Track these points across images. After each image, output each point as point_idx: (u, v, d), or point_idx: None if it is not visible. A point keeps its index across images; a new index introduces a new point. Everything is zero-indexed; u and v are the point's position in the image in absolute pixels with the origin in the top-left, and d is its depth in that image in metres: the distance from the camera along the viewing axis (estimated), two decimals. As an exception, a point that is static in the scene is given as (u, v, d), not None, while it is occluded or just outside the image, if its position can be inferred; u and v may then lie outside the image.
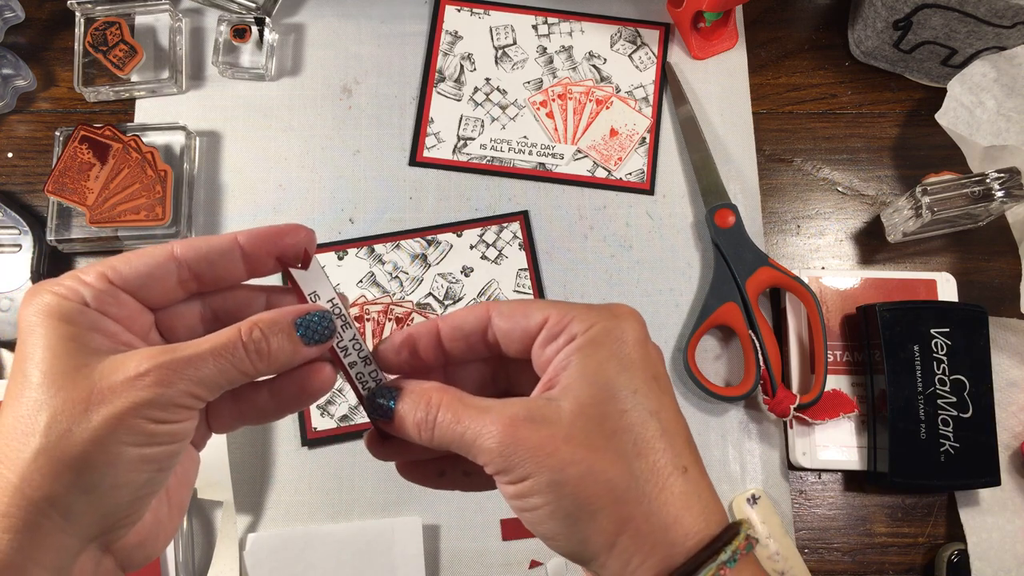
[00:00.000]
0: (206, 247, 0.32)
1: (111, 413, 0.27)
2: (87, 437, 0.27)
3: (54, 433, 0.27)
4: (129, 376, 0.28)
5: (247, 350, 0.30)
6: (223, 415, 0.34)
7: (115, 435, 0.28)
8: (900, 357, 0.58)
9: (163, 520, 0.32)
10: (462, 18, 0.70)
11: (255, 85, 0.68)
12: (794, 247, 0.67)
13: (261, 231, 0.33)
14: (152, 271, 0.31)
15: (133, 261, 0.31)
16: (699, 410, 0.62)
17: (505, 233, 0.65)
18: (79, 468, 0.27)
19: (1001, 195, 0.59)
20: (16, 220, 0.62)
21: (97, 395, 0.28)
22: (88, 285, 0.30)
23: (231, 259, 0.32)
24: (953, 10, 0.61)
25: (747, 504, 0.59)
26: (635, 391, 0.31)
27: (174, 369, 0.28)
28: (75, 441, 0.27)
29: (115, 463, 0.28)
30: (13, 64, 0.65)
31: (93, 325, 0.29)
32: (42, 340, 0.28)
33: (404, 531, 0.58)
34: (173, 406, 0.28)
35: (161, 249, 0.31)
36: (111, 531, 0.29)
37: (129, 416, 0.28)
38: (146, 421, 0.28)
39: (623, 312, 0.32)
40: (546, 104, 0.68)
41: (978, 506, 0.60)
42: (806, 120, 0.69)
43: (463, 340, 0.34)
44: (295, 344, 0.31)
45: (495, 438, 0.30)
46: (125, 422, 0.28)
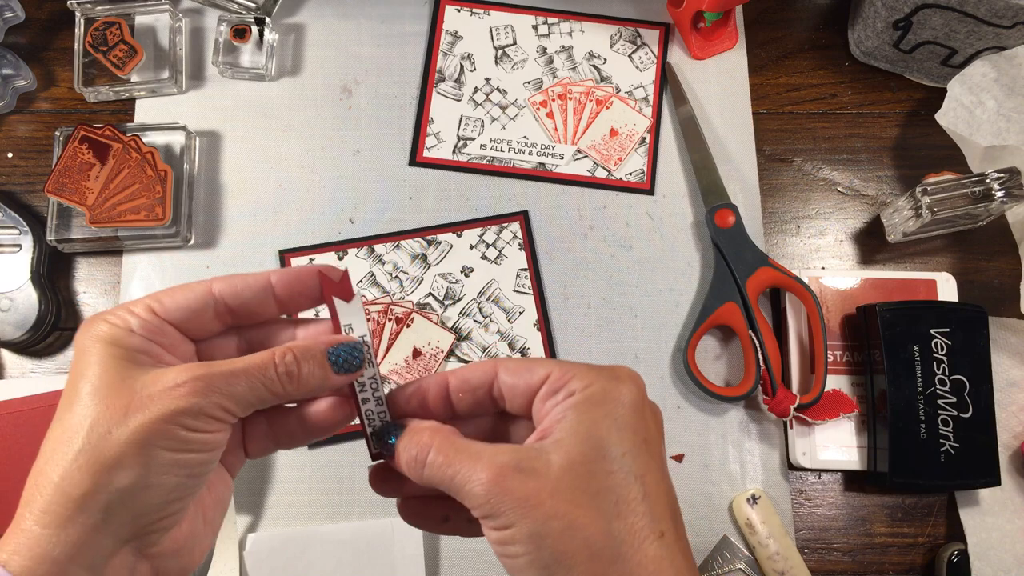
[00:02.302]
0: (241, 285, 0.34)
1: (148, 418, 0.30)
2: (124, 439, 0.30)
3: (94, 435, 0.30)
4: (167, 386, 0.31)
5: (278, 372, 0.32)
6: (257, 438, 0.36)
7: (150, 438, 0.30)
8: (900, 357, 0.58)
9: (198, 533, 0.34)
10: (462, 18, 0.70)
11: (255, 85, 0.68)
12: (794, 247, 0.67)
13: (292, 273, 0.35)
14: (191, 304, 0.34)
15: (176, 295, 0.34)
16: (699, 410, 0.62)
17: (505, 233, 0.65)
18: (115, 467, 0.29)
19: (1001, 195, 0.59)
20: (16, 220, 0.62)
21: (137, 402, 0.30)
22: (136, 315, 0.33)
23: (264, 297, 0.35)
24: (953, 10, 0.61)
25: (747, 504, 0.59)
26: (624, 453, 0.32)
27: (209, 382, 0.31)
28: (113, 442, 0.30)
29: (149, 464, 0.30)
30: (13, 64, 0.65)
31: (140, 347, 0.32)
32: (94, 361, 0.31)
33: (404, 531, 0.58)
34: (205, 416, 0.31)
35: (200, 285, 0.34)
36: (144, 534, 0.31)
37: (165, 422, 0.30)
38: (180, 428, 0.30)
39: (623, 375, 0.34)
40: (546, 104, 0.68)
41: (978, 506, 0.60)
42: (806, 120, 0.69)
43: (470, 394, 0.36)
44: (325, 371, 0.33)
45: (483, 485, 0.31)
46: (160, 427, 0.30)
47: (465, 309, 0.63)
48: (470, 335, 0.63)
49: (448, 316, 0.63)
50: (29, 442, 0.56)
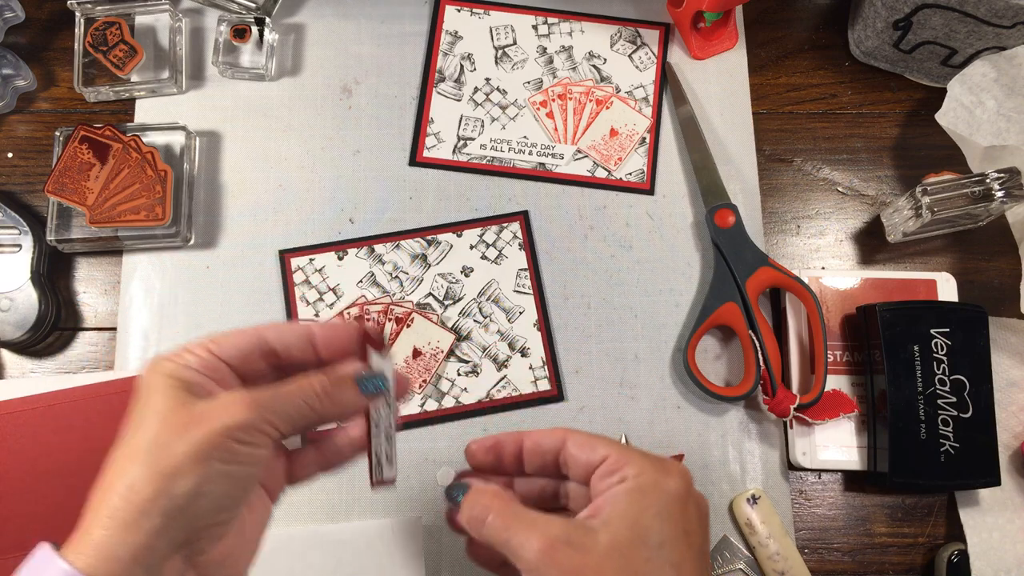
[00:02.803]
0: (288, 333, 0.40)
1: (206, 431, 0.34)
2: (183, 450, 0.34)
3: (157, 448, 0.34)
4: (222, 404, 0.35)
5: (316, 392, 0.38)
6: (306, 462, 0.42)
7: (206, 450, 0.34)
8: (900, 357, 0.58)
9: (242, 548, 0.38)
10: (462, 18, 0.70)
11: (255, 85, 0.68)
12: (794, 247, 0.67)
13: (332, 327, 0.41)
14: (244, 346, 0.39)
15: (231, 338, 0.39)
16: (699, 410, 0.62)
17: (505, 233, 0.65)
18: (175, 475, 0.33)
19: (1001, 195, 0.59)
20: (16, 220, 0.62)
21: (195, 419, 0.35)
22: (195, 354, 0.38)
23: (305, 346, 0.40)
24: (953, 10, 0.61)
25: (747, 504, 0.59)
26: (662, 543, 0.36)
27: (258, 401, 0.36)
28: (174, 454, 0.34)
29: (204, 474, 0.34)
30: (13, 64, 0.65)
31: (197, 381, 0.37)
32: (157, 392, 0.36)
33: (404, 531, 0.58)
34: (255, 430, 0.35)
35: (252, 330, 0.40)
36: (195, 541, 0.35)
37: (219, 435, 0.34)
38: (232, 441, 0.35)
39: (672, 469, 0.38)
40: (546, 104, 0.68)
41: (978, 506, 0.60)
42: (806, 120, 0.69)
43: (540, 456, 0.42)
44: (354, 392, 0.39)
45: (535, 552, 0.35)
46: (216, 440, 0.34)
47: (465, 309, 0.63)
48: (470, 335, 0.63)
49: (448, 316, 0.63)
50: (29, 442, 0.56)
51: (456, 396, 0.62)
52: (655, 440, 0.61)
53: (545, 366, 0.62)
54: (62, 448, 0.56)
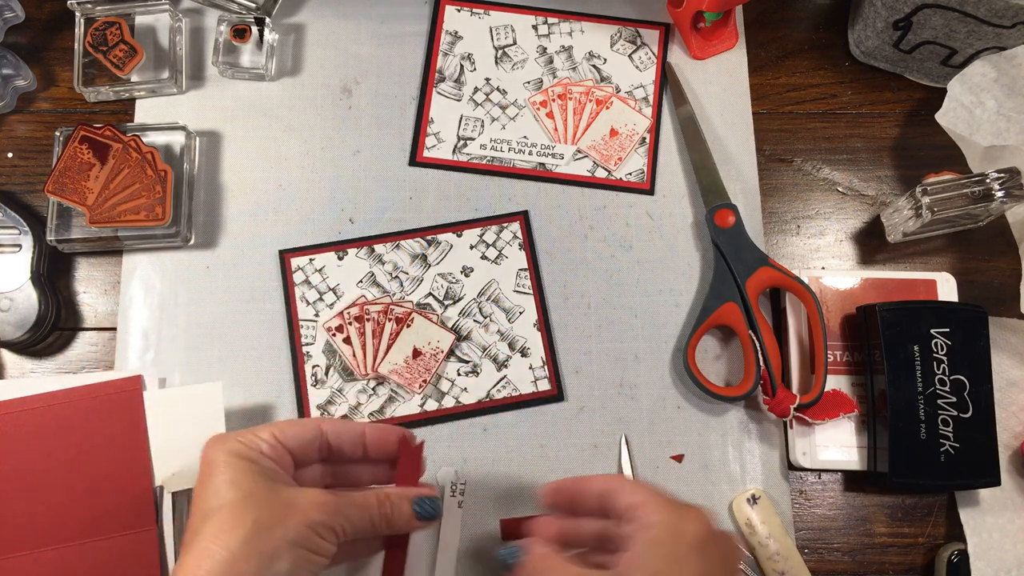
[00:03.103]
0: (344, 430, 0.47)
1: (301, 523, 0.40)
2: (284, 536, 0.40)
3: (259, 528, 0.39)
4: (312, 501, 0.42)
5: (380, 512, 0.44)
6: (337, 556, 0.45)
7: (298, 539, 0.40)
8: (900, 357, 0.58)
9: None
10: (462, 18, 0.70)
11: (255, 85, 0.68)
12: (794, 247, 0.67)
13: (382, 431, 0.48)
14: (306, 437, 0.45)
15: (295, 428, 0.45)
16: (699, 410, 0.62)
17: (505, 233, 0.65)
18: (275, 557, 0.39)
19: (1001, 195, 0.59)
20: (16, 220, 0.62)
21: (292, 510, 0.41)
22: (264, 440, 0.43)
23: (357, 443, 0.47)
24: (953, 10, 0.61)
25: (747, 504, 0.59)
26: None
27: (338, 506, 0.42)
28: (276, 538, 0.39)
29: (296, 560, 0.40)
30: (13, 64, 0.65)
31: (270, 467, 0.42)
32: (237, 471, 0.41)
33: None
34: (331, 530, 0.42)
35: (313, 423, 0.46)
36: None
37: (310, 528, 0.40)
38: (316, 536, 0.41)
39: (690, 514, 0.43)
40: (546, 104, 0.68)
41: (978, 506, 0.60)
42: (806, 120, 0.69)
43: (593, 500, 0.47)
44: (410, 517, 0.45)
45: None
46: (306, 532, 0.40)
47: (465, 309, 0.63)
48: (470, 335, 0.63)
49: (448, 316, 0.63)
50: (29, 442, 0.56)
51: (456, 396, 0.62)
52: (655, 440, 0.61)
53: (545, 366, 0.62)
54: (62, 448, 0.56)
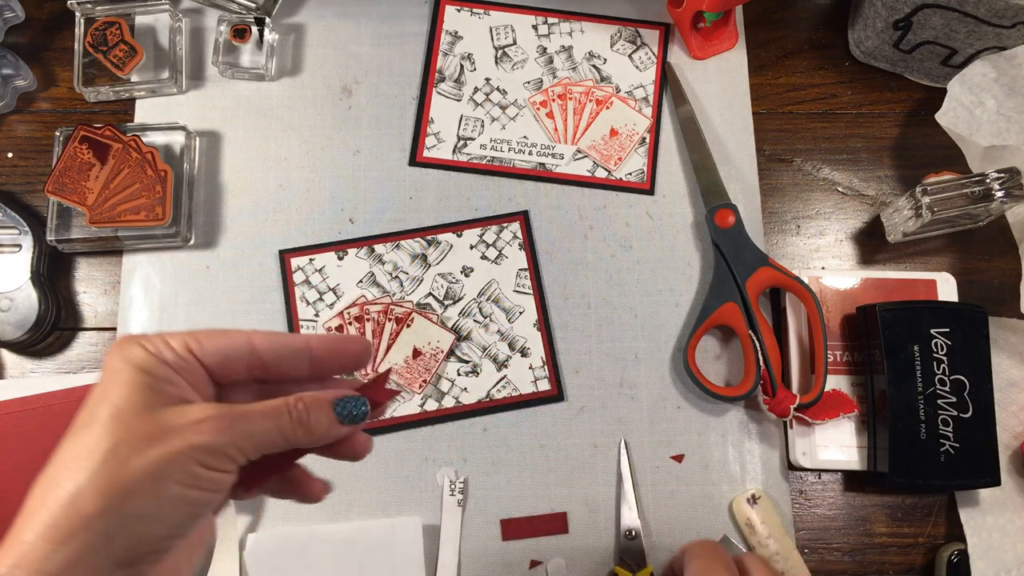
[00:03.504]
0: (280, 344, 0.36)
1: (169, 450, 0.31)
2: (142, 467, 0.31)
3: (114, 459, 0.30)
4: (192, 420, 0.32)
5: (291, 417, 0.34)
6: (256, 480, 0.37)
7: (167, 471, 0.31)
8: (900, 357, 0.58)
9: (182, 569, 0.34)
10: (462, 18, 0.70)
11: (255, 85, 0.68)
12: (794, 247, 0.67)
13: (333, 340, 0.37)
14: (228, 352, 0.35)
15: (216, 339, 0.35)
16: (699, 410, 0.62)
17: (505, 233, 0.65)
18: (128, 493, 0.30)
19: (1001, 195, 0.59)
20: (16, 220, 0.62)
21: (159, 433, 0.31)
22: (172, 349, 0.34)
23: (299, 359, 0.37)
24: (953, 10, 0.61)
25: (747, 504, 0.59)
26: None
27: (230, 421, 0.33)
28: (131, 469, 0.30)
29: (160, 496, 0.31)
30: (13, 64, 0.65)
31: (167, 379, 0.33)
32: (121, 383, 0.32)
33: (404, 531, 0.58)
34: (222, 455, 0.32)
35: (241, 335, 0.36)
36: (136, 563, 0.31)
37: (183, 456, 0.31)
38: (195, 464, 0.32)
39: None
40: (546, 104, 0.68)
41: (978, 506, 0.60)
42: (806, 120, 0.69)
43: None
44: (331, 421, 0.36)
45: None
46: (178, 461, 0.31)
47: (465, 309, 0.63)
48: (470, 335, 0.63)
49: (448, 316, 0.63)
50: (29, 442, 0.56)
51: (456, 396, 0.62)
52: (655, 440, 0.61)
53: (545, 366, 0.62)
54: (62, 448, 0.56)
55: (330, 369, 0.38)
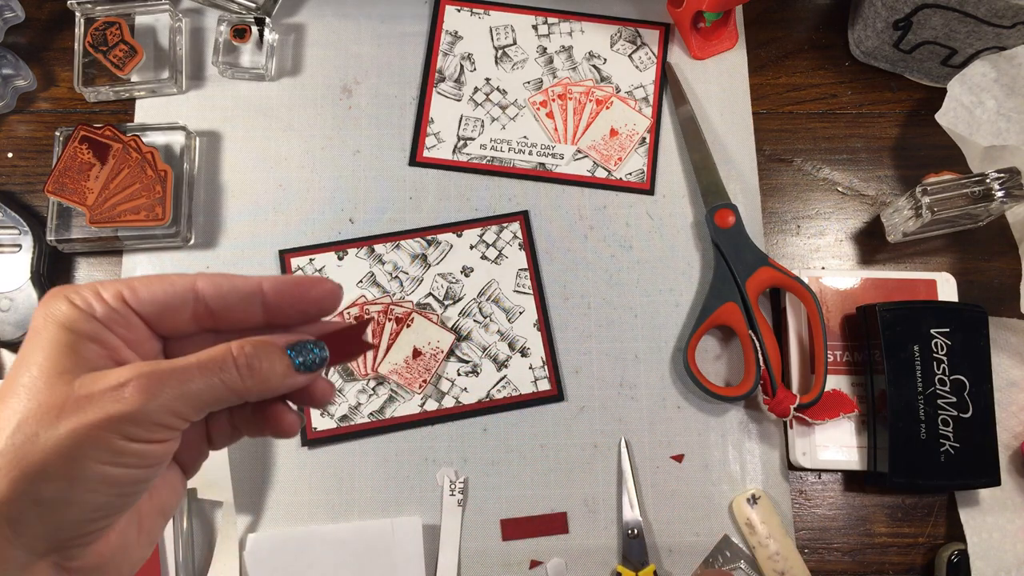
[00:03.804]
0: (228, 287, 0.31)
1: (81, 423, 0.26)
2: (50, 445, 0.26)
3: (19, 436, 0.26)
4: (108, 386, 0.27)
5: (237, 365, 0.29)
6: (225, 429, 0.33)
7: (80, 448, 0.26)
8: (900, 357, 0.58)
9: (130, 545, 0.30)
10: (462, 18, 0.70)
11: (255, 85, 0.68)
12: (794, 247, 0.67)
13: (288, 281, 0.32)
14: (169, 300, 0.30)
15: (153, 286, 0.30)
16: (699, 410, 0.62)
17: (505, 233, 0.65)
18: (35, 477, 0.26)
19: (1001, 195, 0.59)
20: (16, 220, 0.62)
21: (74, 403, 0.26)
22: (103, 301, 0.29)
23: (250, 304, 0.31)
24: (953, 10, 0.61)
25: (747, 504, 0.59)
26: None
27: (158, 381, 0.27)
28: (39, 448, 0.26)
29: (74, 478, 0.26)
30: (13, 64, 0.65)
31: (95, 337, 0.28)
32: (42, 346, 0.28)
33: (404, 531, 0.58)
34: (151, 423, 0.27)
35: (183, 280, 0.31)
36: (63, 549, 0.27)
37: (99, 428, 0.26)
38: (117, 437, 0.26)
39: None
40: (546, 104, 0.68)
41: (978, 506, 0.60)
42: (806, 120, 0.69)
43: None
44: (286, 368, 0.30)
45: None
46: (94, 435, 0.26)
47: (465, 309, 0.63)
48: (470, 335, 0.63)
49: (448, 316, 0.63)
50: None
51: (456, 396, 0.62)
52: (655, 440, 0.61)
53: (545, 366, 0.62)
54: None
55: (288, 316, 0.32)
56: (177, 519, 0.57)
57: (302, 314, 0.32)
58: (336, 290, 0.32)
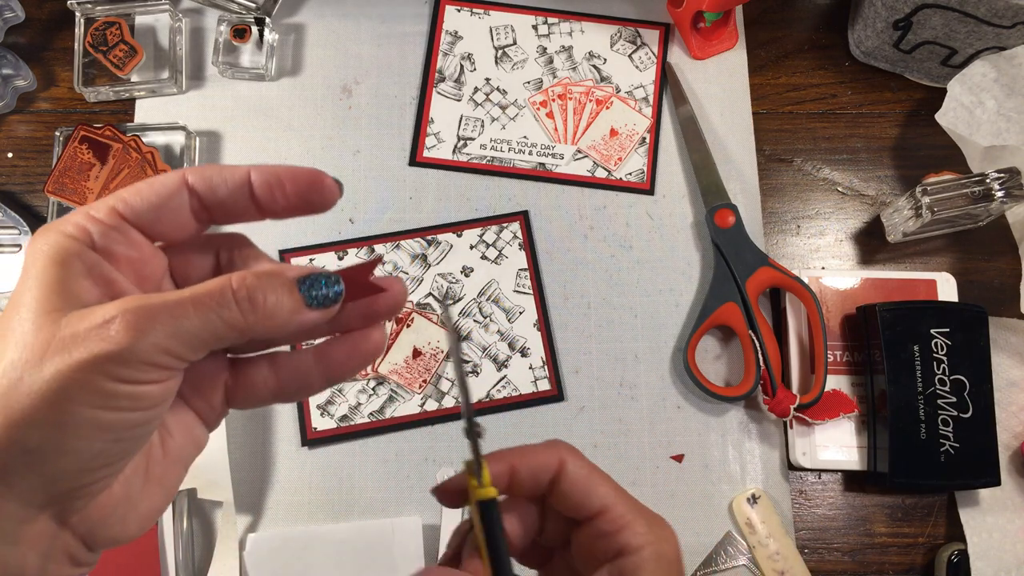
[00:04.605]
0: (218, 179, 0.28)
1: (66, 364, 0.24)
2: (36, 389, 0.24)
3: (4, 382, 0.24)
4: (94, 324, 0.24)
5: (237, 300, 0.26)
6: (255, 384, 0.30)
7: (67, 391, 0.24)
8: (900, 357, 0.58)
9: (135, 497, 0.28)
10: (462, 18, 0.70)
11: (255, 85, 0.68)
12: (794, 247, 0.67)
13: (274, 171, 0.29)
14: (163, 202, 0.28)
15: (143, 191, 0.27)
16: (699, 410, 0.62)
17: (505, 233, 0.65)
18: (21, 424, 0.24)
19: (1001, 195, 0.59)
20: (16, 220, 0.62)
21: (57, 343, 0.24)
22: (97, 221, 0.26)
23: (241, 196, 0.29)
24: (953, 10, 0.61)
25: (747, 504, 0.59)
26: None
27: (147, 317, 0.24)
28: (24, 392, 0.24)
29: (63, 424, 0.24)
30: (13, 64, 0.65)
31: (89, 271, 0.26)
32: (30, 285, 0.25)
33: (404, 531, 0.58)
34: (141, 362, 0.24)
35: (172, 177, 0.28)
36: (61, 501, 0.26)
37: (86, 370, 0.24)
38: (105, 378, 0.24)
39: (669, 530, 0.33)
40: (546, 104, 0.68)
41: (978, 506, 0.60)
42: (806, 120, 0.69)
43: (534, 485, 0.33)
44: (296, 303, 0.27)
45: None
46: (80, 377, 0.24)
47: (465, 309, 0.63)
48: (470, 335, 0.63)
49: (448, 316, 0.63)
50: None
51: (456, 396, 0.62)
52: (655, 440, 0.61)
53: (545, 366, 0.62)
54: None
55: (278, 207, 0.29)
56: (177, 519, 0.57)
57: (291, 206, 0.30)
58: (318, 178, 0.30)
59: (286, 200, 0.29)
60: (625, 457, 0.61)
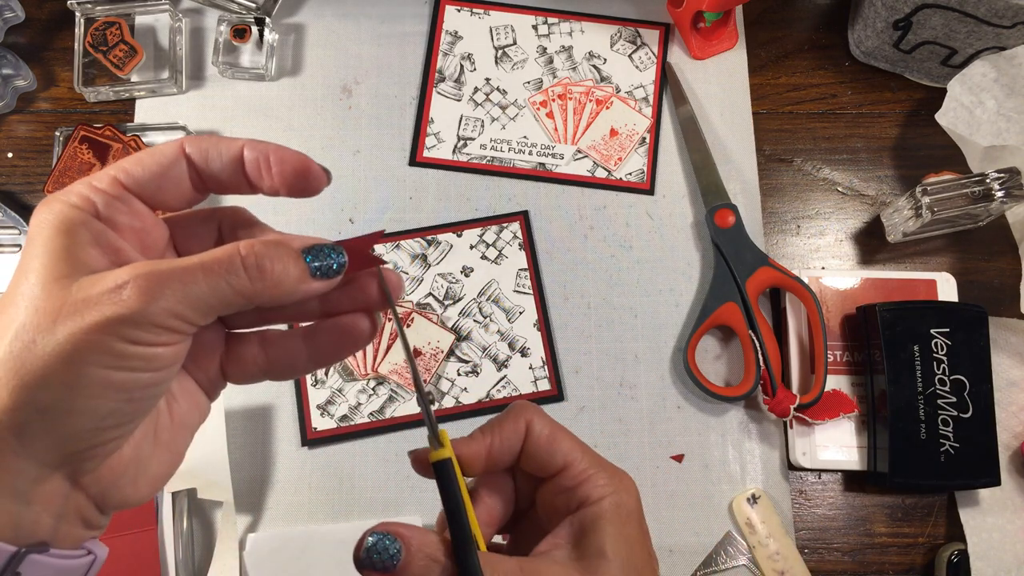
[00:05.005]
0: (214, 152, 0.30)
1: (79, 327, 0.25)
2: (49, 351, 0.25)
3: (18, 344, 0.25)
4: (107, 288, 0.25)
5: (246, 266, 0.27)
6: (246, 360, 0.31)
7: (80, 352, 0.25)
8: (900, 357, 0.58)
9: (145, 459, 0.29)
10: (462, 18, 0.70)
11: (255, 85, 0.68)
12: (794, 247, 0.67)
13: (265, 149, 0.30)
14: (164, 171, 0.29)
15: (144, 160, 0.29)
16: (699, 410, 0.62)
17: (505, 233, 0.65)
18: (36, 384, 0.25)
19: (1001, 195, 0.59)
20: (16, 220, 0.62)
21: (69, 307, 0.25)
22: (100, 191, 0.28)
23: (234, 171, 0.30)
24: (953, 10, 0.61)
25: (747, 504, 0.59)
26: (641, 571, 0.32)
27: (158, 281, 0.26)
28: (37, 354, 0.25)
29: (76, 384, 0.25)
30: (13, 64, 0.65)
31: (95, 240, 0.27)
32: (37, 253, 0.26)
33: None
34: (152, 325, 0.25)
35: (170, 146, 0.29)
36: (74, 461, 0.27)
37: (99, 331, 0.25)
38: (117, 339, 0.25)
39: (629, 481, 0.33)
40: (546, 104, 0.68)
41: (978, 506, 0.60)
42: (806, 120, 0.69)
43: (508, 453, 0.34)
44: (301, 271, 0.28)
45: None
46: (93, 338, 0.25)
47: (465, 309, 0.63)
48: (470, 335, 0.63)
49: (448, 316, 0.63)
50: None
51: (456, 396, 0.62)
52: (655, 440, 0.61)
53: (545, 366, 0.62)
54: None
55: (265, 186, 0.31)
56: (177, 519, 0.57)
57: (278, 189, 0.31)
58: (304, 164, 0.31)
59: (272, 180, 0.30)
60: (625, 457, 0.61)
